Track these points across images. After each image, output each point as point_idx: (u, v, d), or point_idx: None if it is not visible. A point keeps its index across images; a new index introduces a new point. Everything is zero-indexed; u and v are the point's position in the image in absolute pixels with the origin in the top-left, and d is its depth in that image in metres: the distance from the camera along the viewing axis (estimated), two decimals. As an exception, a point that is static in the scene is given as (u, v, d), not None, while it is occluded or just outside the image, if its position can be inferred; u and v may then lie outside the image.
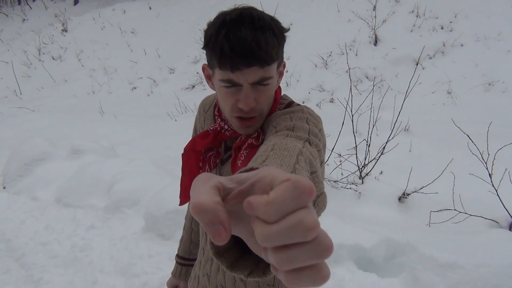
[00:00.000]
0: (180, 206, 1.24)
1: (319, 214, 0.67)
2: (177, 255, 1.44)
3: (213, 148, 1.07)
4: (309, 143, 0.83)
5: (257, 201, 0.33)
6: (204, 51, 0.96)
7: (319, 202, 0.67)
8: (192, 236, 1.40)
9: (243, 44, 0.85)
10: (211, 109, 1.18)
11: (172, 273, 1.45)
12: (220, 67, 0.90)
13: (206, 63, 1.00)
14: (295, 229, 0.32)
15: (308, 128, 0.88)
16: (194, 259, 1.40)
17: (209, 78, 1.01)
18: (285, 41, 0.96)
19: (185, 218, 1.43)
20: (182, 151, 1.08)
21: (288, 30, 0.96)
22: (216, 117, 1.08)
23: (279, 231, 0.33)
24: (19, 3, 17.87)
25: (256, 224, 0.34)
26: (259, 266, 0.46)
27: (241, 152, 0.96)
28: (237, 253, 0.48)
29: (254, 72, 0.89)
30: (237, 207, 0.39)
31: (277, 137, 0.81)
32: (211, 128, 1.07)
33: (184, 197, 1.16)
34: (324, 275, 0.34)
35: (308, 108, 1.01)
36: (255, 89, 0.93)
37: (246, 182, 0.39)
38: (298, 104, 1.05)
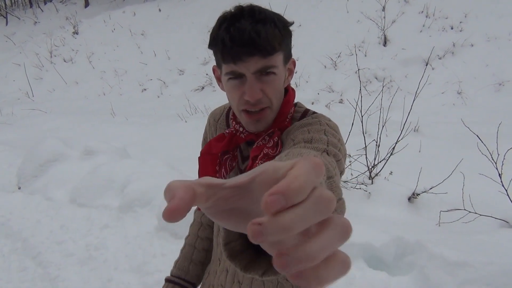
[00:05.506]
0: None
1: None
2: (171, 275, 1.35)
3: (229, 151, 1.06)
4: (327, 153, 0.83)
5: (282, 184, 0.29)
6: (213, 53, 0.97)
7: (339, 207, 0.67)
8: (194, 256, 1.34)
9: (243, 34, 0.86)
10: (222, 117, 1.18)
11: None
12: (224, 60, 0.91)
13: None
14: (319, 204, 0.30)
15: (326, 140, 0.87)
16: (191, 282, 1.32)
17: (219, 79, 1.02)
18: (290, 35, 0.96)
19: (185, 238, 1.39)
20: (194, 153, 1.07)
21: (292, 23, 0.95)
22: (231, 120, 1.08)
23: (307, 207, 0.29)
24: (31, 6, 18.12)
25: (277, 215, 0.29)
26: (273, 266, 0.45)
27: (257, 162, 0.95)
28: (251, 255, 0.48)
29: (256, 61, 0.89)
30: (238, 203, 0.37)
31: (293, 148, 0.81)
32: (227, 131, 1.06)
33: None
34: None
35: (324, 117, 1.00)
36: (260, 80, 0.92)
37: (242, 178, 0.36)
38: (314, 112, 1.05)
